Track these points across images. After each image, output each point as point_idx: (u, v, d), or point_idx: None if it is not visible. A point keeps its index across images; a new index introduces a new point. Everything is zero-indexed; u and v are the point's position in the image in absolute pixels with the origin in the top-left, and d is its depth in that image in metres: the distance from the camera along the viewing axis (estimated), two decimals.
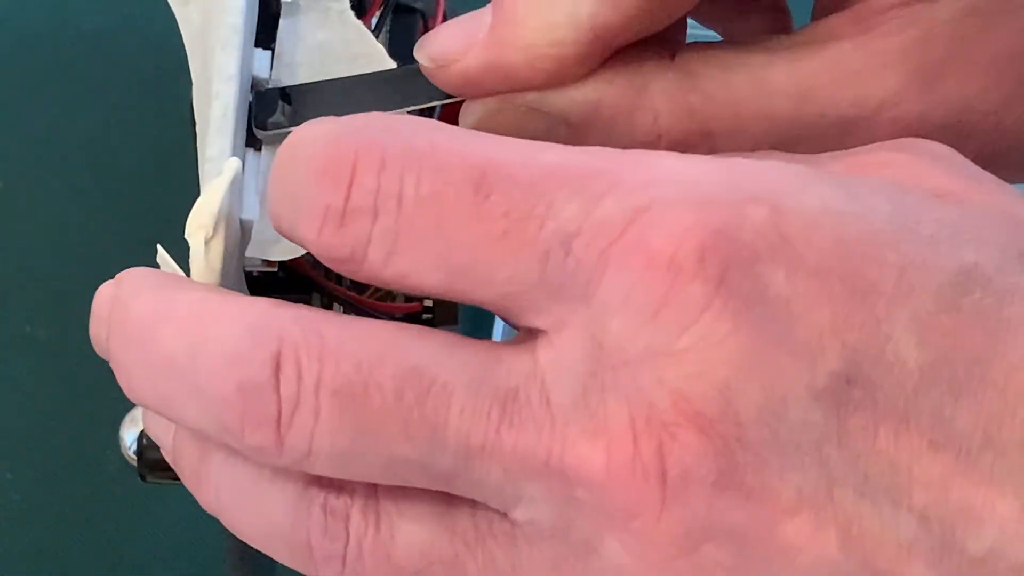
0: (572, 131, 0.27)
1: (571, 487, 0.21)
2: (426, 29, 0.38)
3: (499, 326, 0.46)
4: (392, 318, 0.31)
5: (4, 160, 0.50)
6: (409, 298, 0.32)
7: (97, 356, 0.50)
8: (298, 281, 0.29)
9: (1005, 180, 0.24)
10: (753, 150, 0.26)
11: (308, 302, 0.32)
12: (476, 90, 0.27)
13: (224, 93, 0.28)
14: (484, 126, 0.27)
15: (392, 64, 0.30)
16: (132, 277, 0.25)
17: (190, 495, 0.49)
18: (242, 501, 0.24)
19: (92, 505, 0.45)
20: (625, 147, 0.24)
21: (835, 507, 0.21)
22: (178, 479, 0.37)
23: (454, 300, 0.23)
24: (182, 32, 0.30)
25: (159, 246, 0.26)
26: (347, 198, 0.22)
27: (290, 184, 0.23)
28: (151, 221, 0.47)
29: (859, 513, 0.21)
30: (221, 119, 0.27)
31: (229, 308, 0.23)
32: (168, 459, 0.26)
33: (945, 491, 0.21)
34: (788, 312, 0.21)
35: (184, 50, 0.31)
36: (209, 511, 0.25)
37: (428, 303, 0.32)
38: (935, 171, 0.23)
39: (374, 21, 0.34)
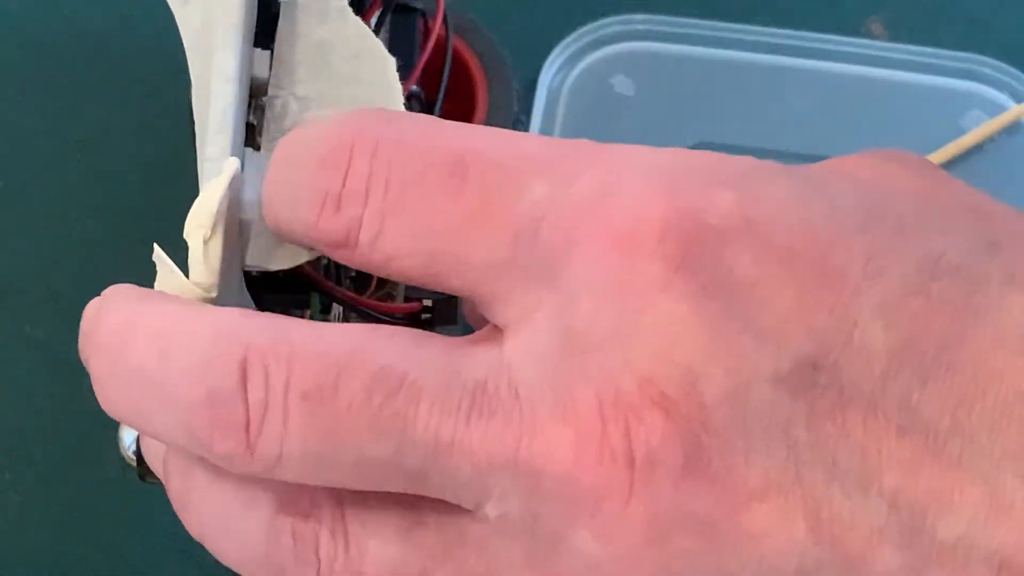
0: None
1: (539, 476, 0.21)
2: (426, 28, 0.38)
3: None
4: (393, 318, 0.31)
5: (4, 160, 0.50)
6: (408, 298, 0.32)
7: None
8: (297, 281, 0.29)
9: None
10: None
11: (308, 302, 0.32)
12: None
13: (223, 93, 0.28)
14: None
15: (392, 59, 0.30)
16: (113, 292, 0.25)
17: None
18: (221, 529, 0.24)
19: (92, 505, 0.45)
20: None
21: (803, 492, 0.21)
22: None
23: (434, 287, 0.23)
24: (181, 32, 0.30)
25: (156, 245, 0.26)
26: (344, 183, 0.23)
27: (293, 174, 0.23)
28: (151, 221, 0.47)
29: (828, 498, 0.21)
30: (220, 119, 0.27)
31: (196, 317, 0.23)
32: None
33: (915, 476, 0.21)
34: (753, 295, 0.21)
35: (184, 50, 0.31)
36: (195, 539, 0.25)
37: (427, 303, 0.32)
38: (900, 172, 0.24)
39: (374, 21, 0.34)
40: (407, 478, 0.22)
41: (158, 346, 0.23)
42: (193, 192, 0.26)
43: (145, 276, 0.27)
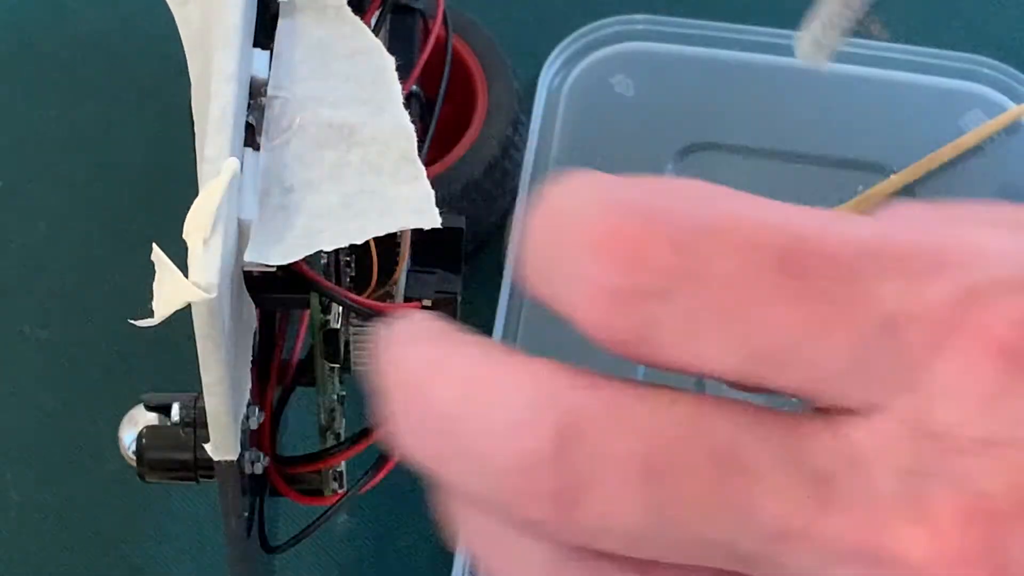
0: None
1: (886, 569, 0.20)
2: (426, 28, 0.38)
3: (499, 328, 0.46)
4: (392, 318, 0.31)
5: (4, 160, 0.50)
6: (408, 298, 0.32)
7: (97, 356, 0.50)
8: (297, 281, 0.29)
9: None
10: None
11: (307, 302, 0.32)
12: None
13: (223, 93, 0.28)
14: None
15: (390, 58, 0.30)
16: (413, 319, 0.23)
17: (191, 495, 0.49)
18: None
19: (92, 505, 0.45)
20: None
21: None
22: (177, 479, 0.37)
23: (751, 386, 0.22)
24: (180, 32, 0.30)
25: (155, 246, 0.26)
26: (635, 278, 0.20)
27: (559, 254, 0.21)
28: (151, 221, 0.47)
29: None
30: (220, 119, 0.27)
31: (509, 369, 0.21)
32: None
33: None
34: None
35: (184, 50, 0.31)
36: None
37: (426, 303, 0.32)
38: None
39: (373, 21, 0.34)
40: (734, 559, 0.21)
41: (464, 394, 0.21)
42: (193, 192, 0.26)
43: (145, 276, 0.27)
